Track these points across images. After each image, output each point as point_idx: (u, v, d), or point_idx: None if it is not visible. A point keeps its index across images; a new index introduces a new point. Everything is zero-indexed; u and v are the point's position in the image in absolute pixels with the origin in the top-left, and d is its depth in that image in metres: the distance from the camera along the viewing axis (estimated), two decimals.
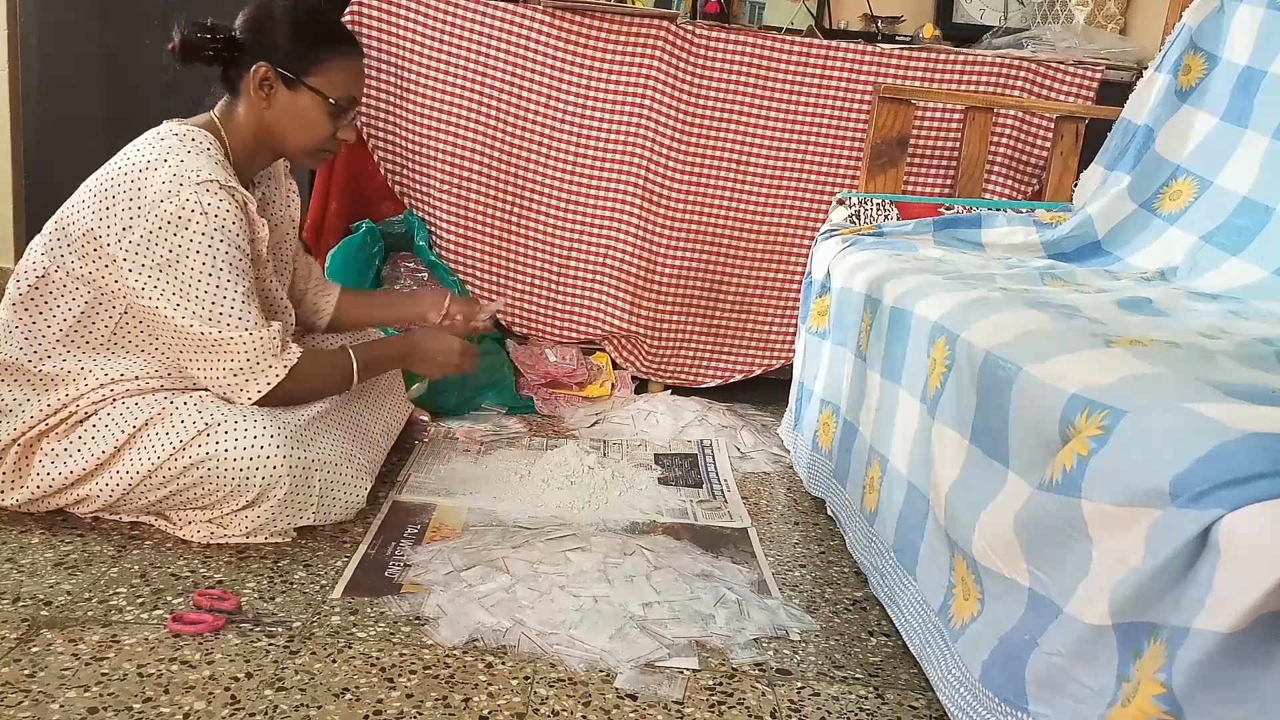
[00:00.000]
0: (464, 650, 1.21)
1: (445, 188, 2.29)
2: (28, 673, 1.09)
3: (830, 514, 1.68)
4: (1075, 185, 1.99)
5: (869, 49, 2.22)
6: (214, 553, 1.41)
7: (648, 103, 2.22)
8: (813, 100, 2.24)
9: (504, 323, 2.38)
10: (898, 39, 2.44)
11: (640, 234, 2.28)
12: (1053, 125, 2.21)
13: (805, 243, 2.28)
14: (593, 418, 2.17)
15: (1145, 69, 1.87)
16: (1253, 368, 0.98)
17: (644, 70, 2.20)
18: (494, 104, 2.24)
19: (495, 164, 2.27)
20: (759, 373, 2.41)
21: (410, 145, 2.28)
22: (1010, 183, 2.31)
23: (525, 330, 2.38)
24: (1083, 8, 2.42)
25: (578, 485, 1.74)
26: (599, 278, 2.32)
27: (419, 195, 2.32)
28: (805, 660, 1.26)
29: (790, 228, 2.31)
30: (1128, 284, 1.51)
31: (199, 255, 1.36)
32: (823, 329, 1.83)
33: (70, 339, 1.42)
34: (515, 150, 2.27)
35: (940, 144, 2.28)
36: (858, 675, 1.24)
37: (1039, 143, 2.28)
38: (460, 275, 2.33)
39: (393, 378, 1.85)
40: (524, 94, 2.24)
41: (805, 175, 2.28)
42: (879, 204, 2.04)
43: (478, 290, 2.35)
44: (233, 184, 1.39)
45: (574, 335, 2.37)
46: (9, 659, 1.11)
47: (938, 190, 2.29)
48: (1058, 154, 2.16)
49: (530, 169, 2.27)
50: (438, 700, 1.10)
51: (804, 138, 2.26)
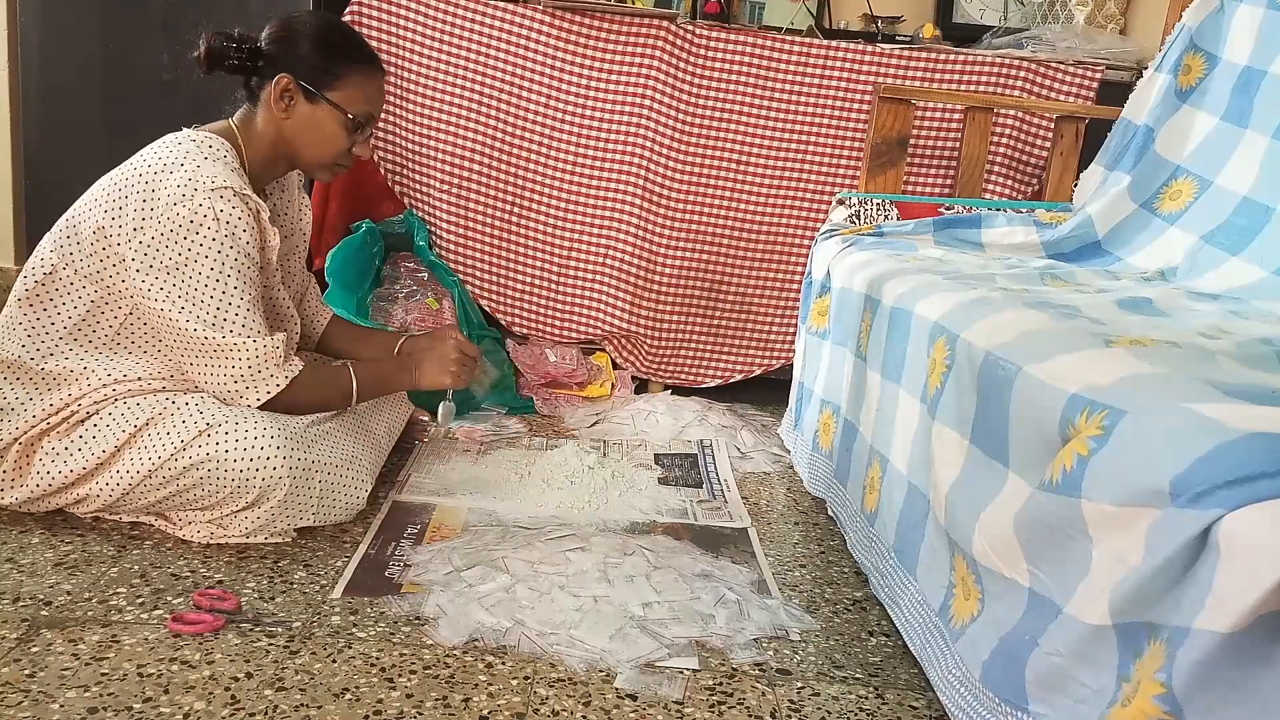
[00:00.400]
0: (464, 650, 1.21)
1: (445, 188, 2.29)
2: (28, 673, 1.09)
3: (830, 514, 1.68)
4: (1075, 185, 1.99)
5: (869, 49, 2.22)
6: (214, 553, 1.41)
7: (648, 103, 2.22)
8: (813, 100, 2.24)
9: (504, 323, 2.39)
10: (898, 39, 2.44)
11: (640, 234, 2.28)
12: (1053, 125, 2.21)
13: (805, 243, 2.29)
14: (593, 418, 2.17)
15: (1145, 69, 1.87)
16: (1253, 368, 0.98)
17: (644, 70, 2.20)
18: (494, 104, 2.24)
19: (495, 164, 2.27)
20: (759, 373, 2.42)
21: (410, 145, 2.28)
22: (1010, 183, 2.31)
23: (525, 330, 2.38)
24: (1083, 8, 2.42)
25: (578, 485, 1.74)
26: (599, 278, 2.32)
27: (419, 195, 2.32)
28: (805, 660, 1.26)
29: (790, 228, 2.31)
30: (1128, 284, 1.51)
31: (207, 260, 1.36)
32: (823, 329, 1.83)
33: (74, 337, 1.42)
34: (515, 150, 2.27)
35: (940, 144, 2.28)
36: (858, 675, 1.24)
37: (1039, 143, 2.28)
38: (460, 275, 2.33)
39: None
40: (524, 94, 2.24)
41: (805, 175, 2.28)
42: (879, 204, 2.04)
43: (478, 291, 2.35)
44: (246, 191, 1.40)
45: (574, 335, 2.37)
46: (9, 659, 1.11)
47: (938, 190, 2.29)
48: (1058, 154, 2.16)
49: (530, 169, 2.27)
50: (438, 700, 1.10)
51: (804, 138, 2.26)
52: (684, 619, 1.29)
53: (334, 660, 1.17)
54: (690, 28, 2.20)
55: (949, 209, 2.04)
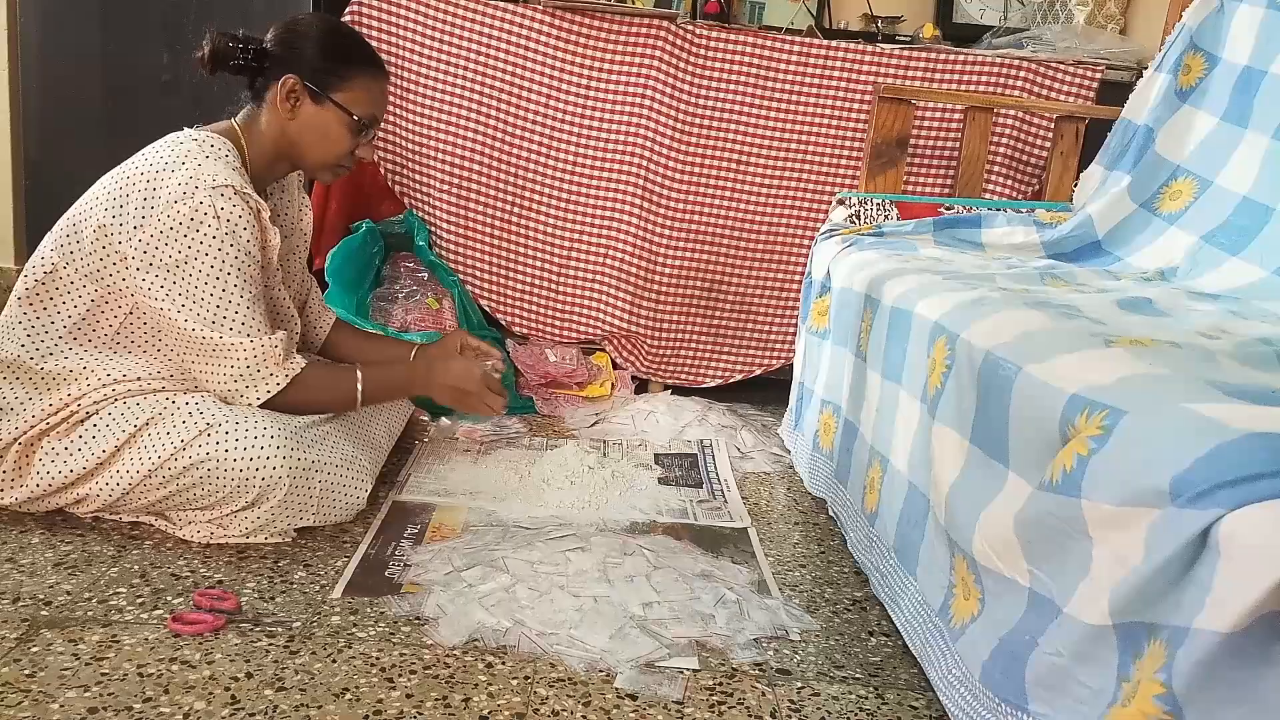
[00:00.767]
0: (464, 650, 1.21)
1: (445, 188, 2.29)
2: (28, 673, 1.09)
3: (831, 514, 1.68)
4: (1075, 185, 1.99)
5: (869, 49, 2.22)
6: (214, 553, 1.41)
7: (648, 103, 2.22)
8: (813, 100, 2.24)
9: (504, 323, 2.39)
10: (898, 39, 2.44)
11: (640, 234, 2.28)
12: (1053, 125, 2.21)
13: (805, 243, 2.28)
14: (593, 418, 2.17)
15: (1145, 69, 1.87)
16: (1253, 368, 0.98)
17: (644, 70, 2.20)
18: (494, 104, 2.24)
19: (495, 164, 2.27)
20: (759, 373, 2.41)
21: (410, 145, 2.28)
22: (1010, 183, 2.31)
23: (525, 330, 2.38)
24: (1083, 8, 2.42)
25: (578, 485, 1.74)
26: (599, 278, 2.32)
27: (419, 195, 2.32)
28: (805, 660, 1.26)
29: (790, 228, 2.31)
30: (1128, 284, 1.51)
31: (207, 258, 1.37)
32: (823, 329, 1.83)
33: (74, 337, 1.42)
34: (515, 150, 2.27)
35: (940, 144, 2.28)
36: (858, 675, 1.24)
37: (1039, 143, 2.28)
38: (460, 275, 2.33)
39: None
40: (524, 94, 2.24)
41: (805, 175, 2.28)
42: (879, 204, 2.04)
43: (478, 291, 2.35)
44: (247, 190, 1.40)
45: (574, 335, 2.37)
46: (9, 659, 1.11)
47: (938, 190, 2.29)
48: (1058, 154, 2.16)
49: (530, 169, 2.27)
50: (438, 700, 1.10)
51: (804, 138, 2.26)
52: (684, 619, 1.29)
53: (334, 660, 1.17)
54: (690, 28, 2.20)
55: (949, 209, 2.04)
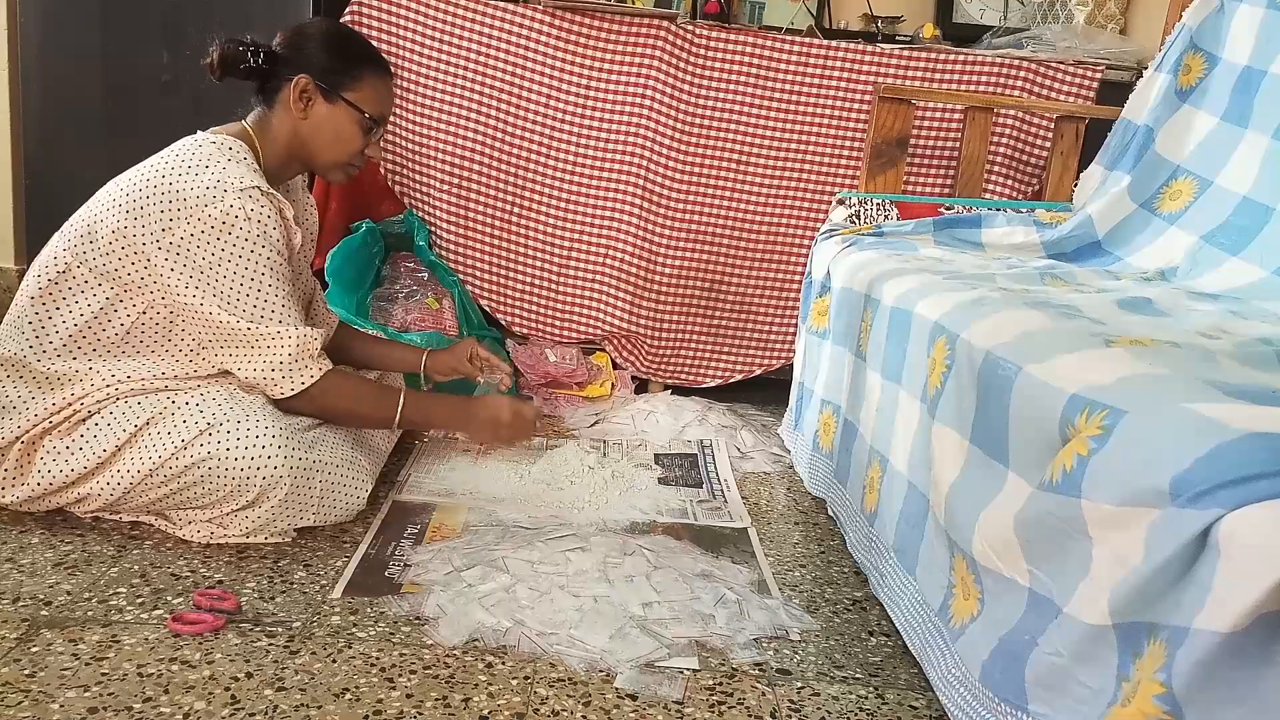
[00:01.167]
0: (464, 650, 1.21)
1: (445, 188, 2.29)
2: (28, 673, 1.09)
3: (831, 514, 1.68)
4: (1075, 185, 1.99)
5: (869, 49, 2.22)
6: (214, 553, 1.41)
7: (648, 103, 2.22)
8: (813, 100, 2.24)
9: (504, 323, 2.39)
10: (898, 39, 2.44)
11: (640, 234, 2.28)
12: (1053, 125, 2.21)
13: (805, 243, 2.29)
14: (593, 418, 2.17)
15: (1145, 69, 1.87)
16: (1253, 368, 0.98)
17: (644, 70, 2.20)
18: (494, 104, 2.24)
19: (495, 164, 2.27)
20: (759, 373, 2.42)
21: (410, 145, 2.28)
22: (1010, 183, 2.31)
23: (525, 330, 2.38)
24: (1083, 8, 2.42)
25: (578, 485, 1.74)
26: (599, 278, 2.32)
27: (419, 195, 2.32)
28: (805, 660, 1.26)
29: (790, 228, 2.31)
30: (1128, 284, 1.51)
31: (241, 260, 1.39)
32: (823, 329, 1.83)
33: (78, 341, 1.42)
34: (515, 150, 2.27)
35: (940, 144, 2.28)
36: (858, 675, 1.24)
37: (1039, 143, 2.28)
38: (460, 275, 2.33)
39: (395, 378, 1.85)
40: (524, 94, 2.24)
41: (805, 175, 2.28)
42: (879, 204, 2.04)
43: (478, 291, 2.35)
44: (271, 191, 1.43)
45: (574, 335, 2.37)
46: (9, 659, 1.11)
47: (938, 190, 2.29)
48: (1058, 154, 2.16)
49: (530, 169, 2.27)
50: (438, 700, 1.10)
51: (804, 138, 2.26)
52: (684, 619, 1.29)
53: (334, 660, 1.17)
54: (690, 28, 2.20)
55: (949, 209, 2.04)
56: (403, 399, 1.59)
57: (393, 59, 2.22)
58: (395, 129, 2.28)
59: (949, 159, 2.28)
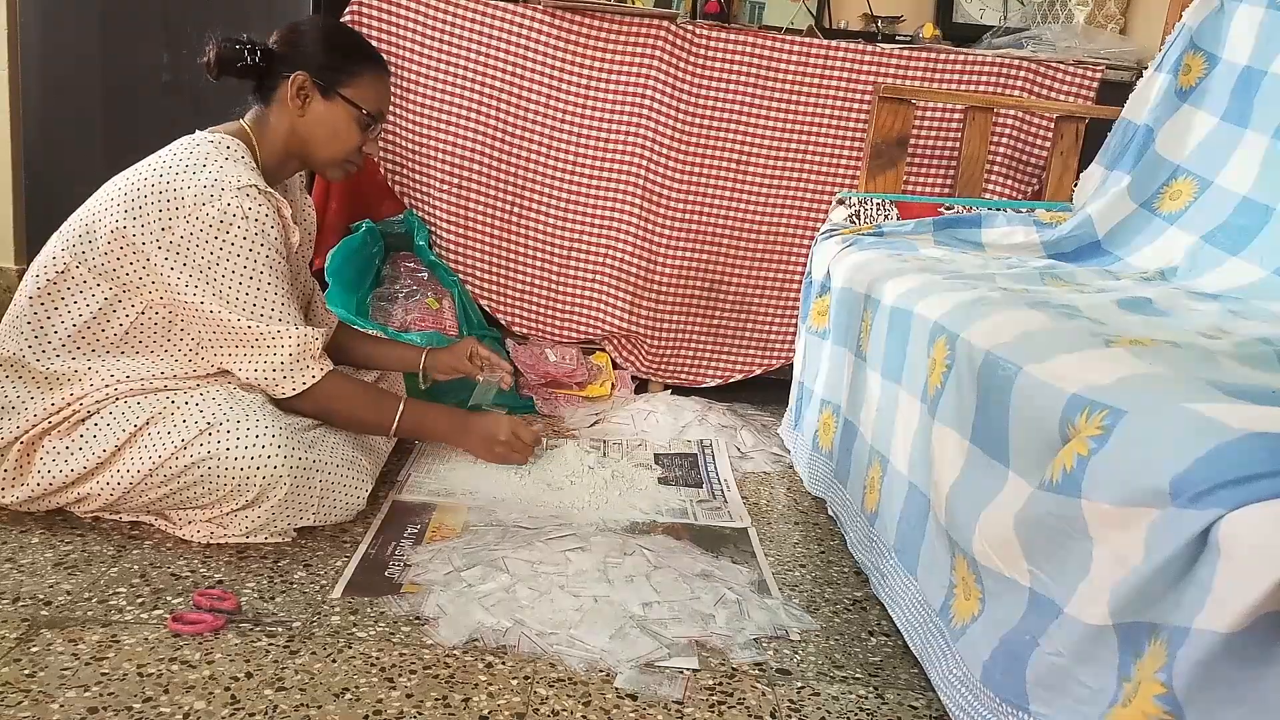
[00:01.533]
0: (464, 650, 1.21)
1: (445, 188, 2.29)
2: (28, 673, 1.09)
3: (831, 514, 1.68)
4: (1075, 185, 1.99)
5: (869, 49, 2.22)
6: (214, 553, 1.41)
7: (648, 103, 2.22)
8: (813, 100, 2.24)
9: (504, 323, 2.39)
10: (898, 39, 2.44)
11: (640, 234, 2.28)
12: (1053, 125, 2.21)
13: (805, 243, 2.29)
14: (593, 418, 2.17)
15: (1145, 69, 1.87)
16: (1253, 368, 0.98)
17: (644, 70, 2.20)
18: (494, 104, 2.24)
19: (495, 164, 2.27)
20: (759, 373, 2.42)
21: (410, 145, 2.28)
22: (1010, 183, 2.31)
23: (525, 330, 2.38)
24: (1083, 8, 2.42)
25: (578, 485, 1.74)
26: (599, 278, 2.32)
27: (419, 195, 2.32)
28: (805, 660, 1.26)
29: (790, 228, 2.31)
30: (1128, 284, 1.51)
31: (239, 258, 1.39)
32: (823, 329, 1.83)
33: (79, 340, 1.42)
34: (515, 150, 2.27)
35: (940, 144, 2.28)
36: (858, 675, 1.24)
37: (1039, 143, 2.28)
38: (460, 275, 2.33)
39: (395, 378, 1.85)
40: (524, 94, 2.24)
41: (805, 175, 2.28)
42: (879, 204, 2.04)
43: (478, 290, 2.35)
44: (269, 189, 1.43)
45: (574, 335, 2.37)
46: (9, 659, 1.11)
47: (938, 190, 2.29)
48: (1058, 154, 2.16)
49: (530, 169, 2.27)
50: (438, 700, 1.10)
51: (804, 138, 2.26)
52: (684, 619, 1.29)
53: (334, 660, 1.17)
54: (690, 28, 2.20)
55: (949, 209, 2.04)
56: (402, 407, 1.59)
57: (393, 59, 2.22)
58: (395, 129, 2.28)
59: (949, 159, 2.28)
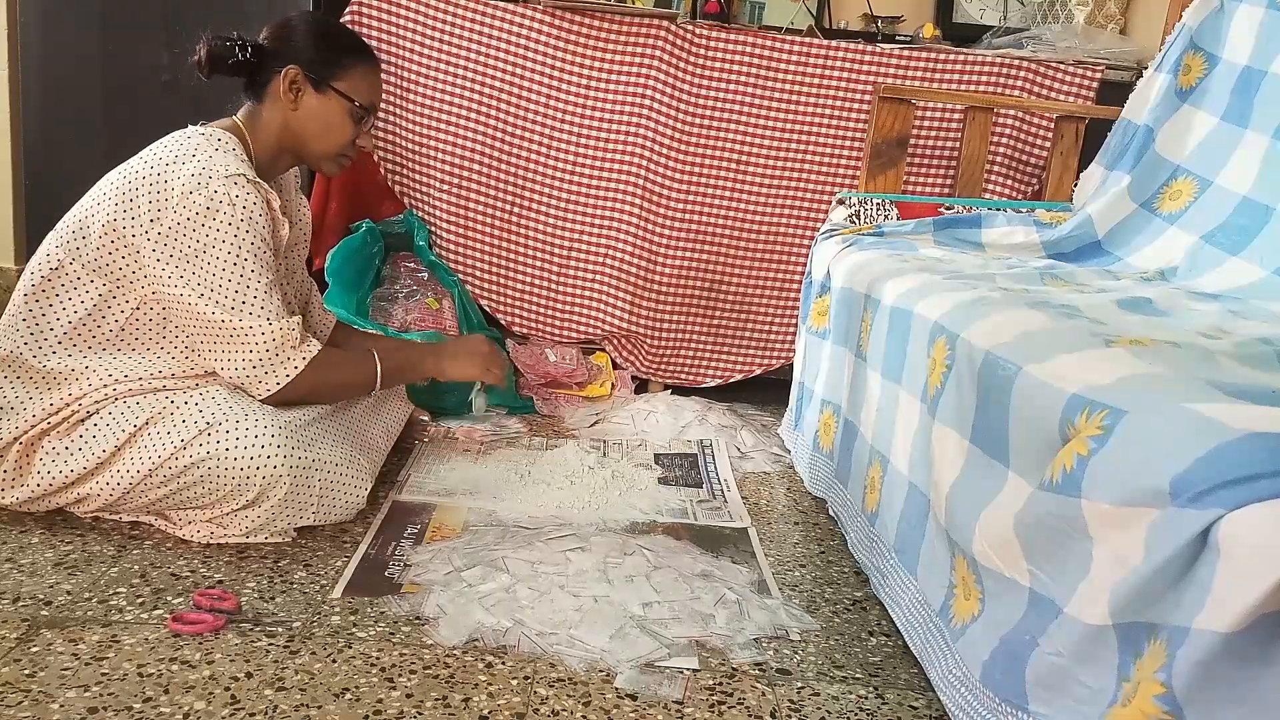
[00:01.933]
0: (464, 650, 1.21)
1: (445, 188, 2.29)
2: (28, 673, 1.09)
3: (831, 514, 1.68)
4: (1075, 185, 1.99)
5: (869, 49, 2.22)
6: (214, 553, 1.41)
7: (648, 103, 2.22)
8: (813, 100, 2.24)
9: (504, 323, 2.39)
10: (898, 39, 2.44)
11: (640, 234, 2.28)
12: (1053, 125, 2.21)
13: (805, 243, 2.29)
14: (593, 418, 2.17)
15: (1145, 69, 1.87)
16: (1253, 368, 0.98)
17: (644, 70, 2.20)
18: (494, 104, 2.24)
19: (495, 164, 2.27)
20: (759, 373, 2.42)
21: (410, 145, 2.28)
22: (1010, 183, 2.31)
23: (525, 330, 2.38)
24: (1083, 8, 2.42)
25: (578, 485, 1.74)
26: (599, 278, 2.32)
27: (419, 195, 2.32)
28: (805, 660, 1.26)
29: (790, 228, 2.31)
30: (1128, 284, 1.51)
31: (224, 245, 1.38)
32: (823, 329, 1.83)
33: (75, 337, 1.42)
34: (515, 150, 2.27)
35: (940, 144, 2.28)
36: (858, 675, 1.24)
37: (1039, 143, 2.28)
38: (460, 275, 2.33)
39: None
40: (524, 94, 2.24)
41: (805, 175, 2.28)
42: (879, 204, 2.04)
43: (478, 291, 2.35)
44: (258, 180, 1.42)
45: (574, 335, 2.37)
46: (9, 659, 1.11)
47: (938, 190, 2.29)
48: (1058, 154, 2.16)
49: (530, 169, 2.27)
50: (438, 700, 1.10)
51: (804, 138, 2.26)
52: (684, 619, 1.29)
53: (334, 660, 1.17)
54: (690, 28, 2.20)
55: (949, 209, 2.04)
56: (378, 359, 1.57)
57: (393, 59, 2.22)
58: (395, 129, 2.28)
59: (949, 159, 2.28)
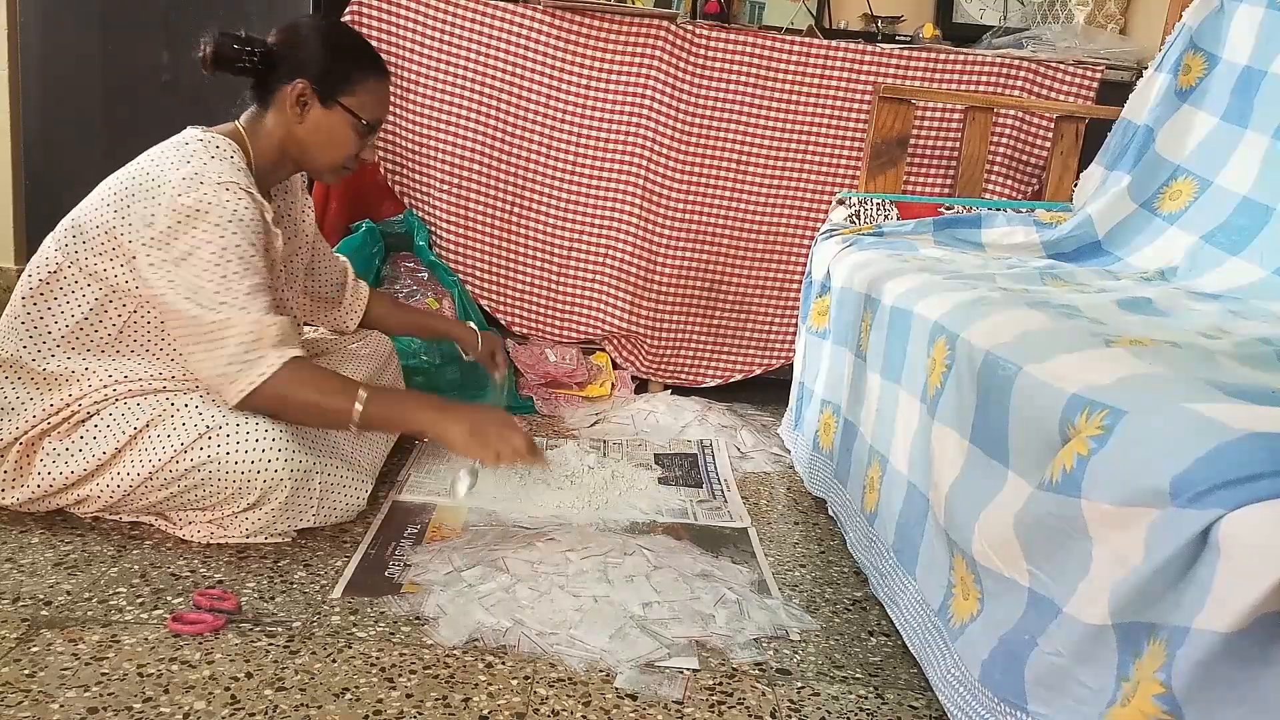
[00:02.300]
0: (464, 650, 1.21)
1: (445, 188, 2.29)
2: (28, 673, 1.09)
3: (831, 514, 1.68)
4: (1075, 185, 1.99)
5: (869, 49, 2.22)
6: (214, 553, 1.41)
7: (648, 103, 2.22)
8: (813, 100, 2.24)
9: (504, 323, 2.39)
10: (898, 39, 2.44)
11: (640, 234, 2.28)
12: (1053, 125, 2.21)
13: (805, 243, 2.29)
14: (593, 418, 2.17)
15: (1145, 69, 1.87)
16: (1253, 368, 0.98)
17: (644, 70, 2.20)
18: (494, 104, 2.24)
19: (495, 164, 2.27)
20: (759, 373, 2.42)
21: (410, 145, 2.28)
22: (1010, 183, 2.31)
23: (525, 330, 2.38)
24: (1083, 8, 2.42)
25: (578, 485, 1.74)
26: (599, 278, 2.32)
27: (419, 195, 2.32)
28: (805, 660, 1.26)
29: (790, 228, 2.31)
30: (1128, 284, 1.51)
31: (210, 245, 1.35)
32: (823, 329, 1.83)
33: (73, 339, 1.42)
34: (515, 150, 2.27)
35: (940, 144, 2.28)
36: (858, 675, 1.24)
37: (1039, 143, 2.28)
38: (460, 275, 2.33)
39: (394, 378, 1.85)
40: (524, 94, 2.24)
41: (805, 175, 2.28)
42: (879, 204, 2.04)
43: (478, 291, 2.35)
44: (251, 189, 1.40)
45: (574, 335, 2.37)
46: (9, 659, 1.11)
47: (938, 190, 2.29)
48: (1058, 154, 2.16)
49: (530, 169, 2.27)
50: (438, 700, 1.10)
51: (804, 138, 2.26)
52: (684, 619, 1.29)
53: (334, 660, 1.17)
54: (690, 28, 2.20)
55: (949, 209, 2.04)
56: (362, 394, 1.39)
57: (393, 59, 2.22)
58: (395, 129, 2.28)
59: (949, 159, 2.28)
